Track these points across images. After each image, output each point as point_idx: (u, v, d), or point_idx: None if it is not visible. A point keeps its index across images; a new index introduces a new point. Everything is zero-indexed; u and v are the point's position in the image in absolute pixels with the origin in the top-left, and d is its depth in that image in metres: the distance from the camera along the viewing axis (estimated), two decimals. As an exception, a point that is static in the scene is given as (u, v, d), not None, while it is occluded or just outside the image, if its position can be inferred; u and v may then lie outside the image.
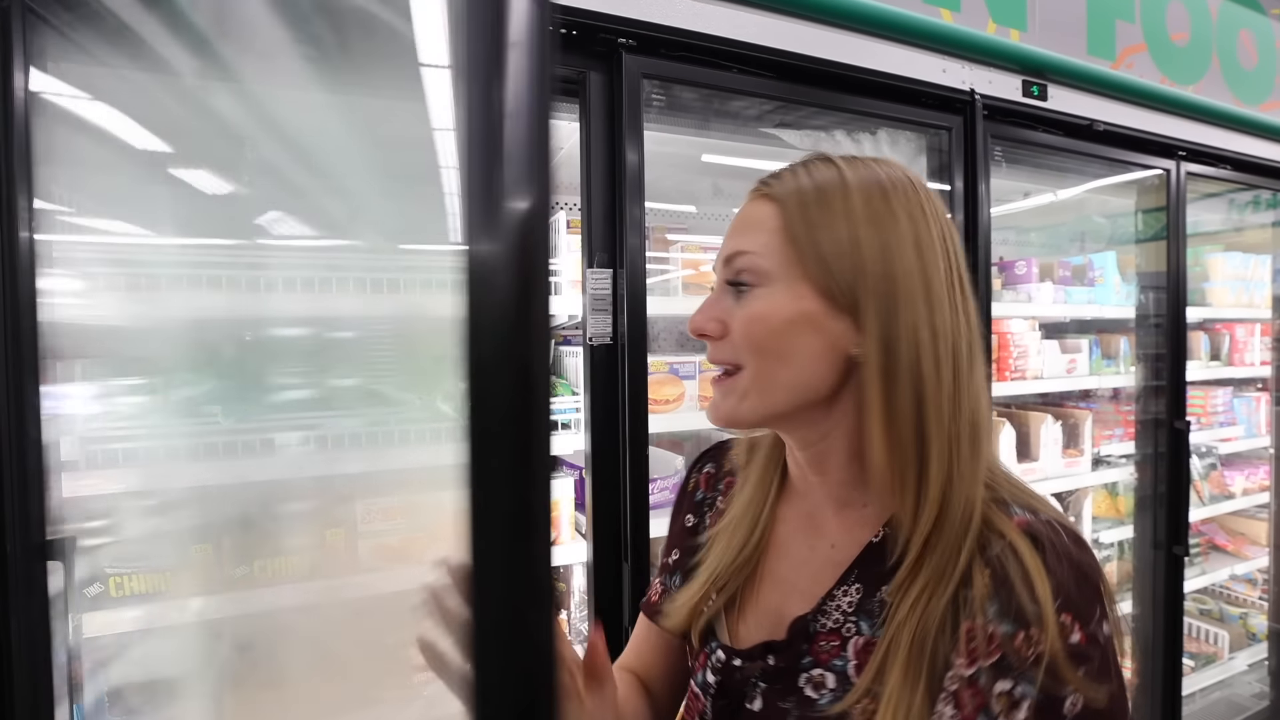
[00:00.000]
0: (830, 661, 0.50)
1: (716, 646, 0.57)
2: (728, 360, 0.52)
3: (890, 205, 0.49)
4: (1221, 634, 2.22)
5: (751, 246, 0.51)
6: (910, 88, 1.33)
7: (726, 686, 0.55)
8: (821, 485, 0.55)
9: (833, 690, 0.50)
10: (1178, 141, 1.69)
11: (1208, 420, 2.16)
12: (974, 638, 0.44)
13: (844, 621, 0.51)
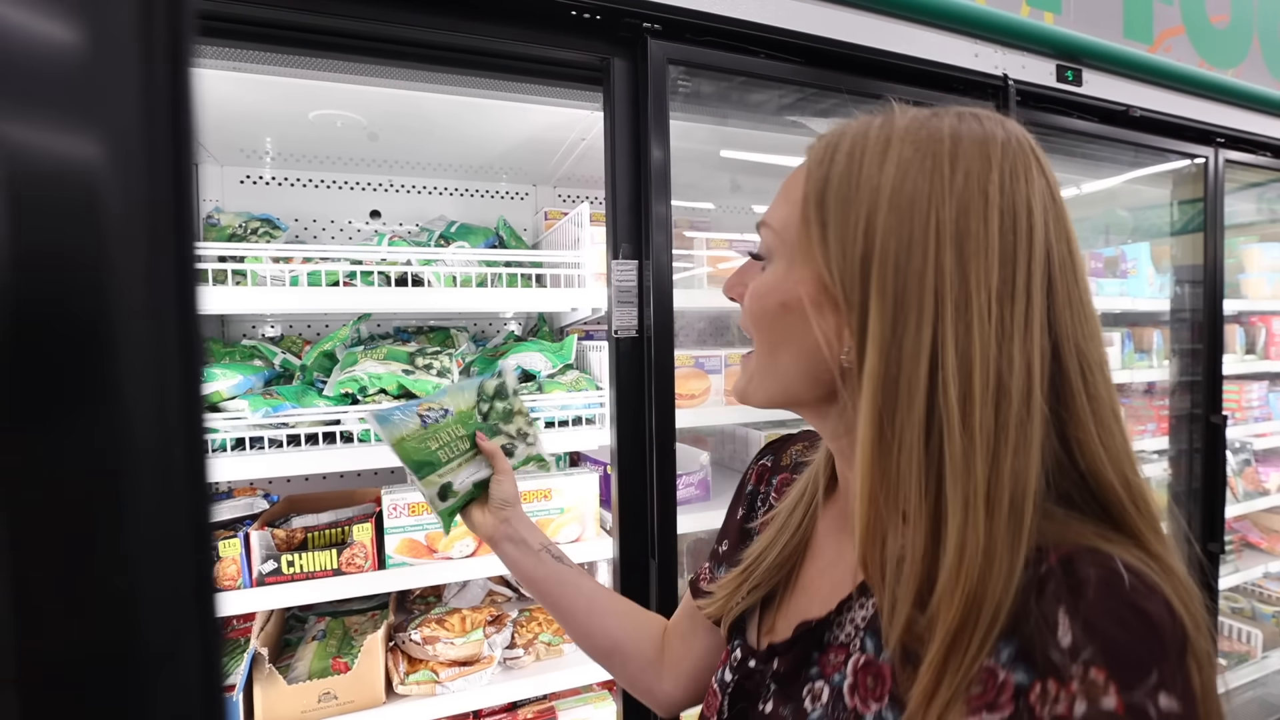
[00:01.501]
0: (831, 676, 0.46)
1: (738, 645, 0.55)
2: (747, 332, 0.48)
3: (937, 181, 0.38)
4: (1255, 633, 2.16)
5: (770, 217, 0.46)
6: (941, 73, 1.28)
7: (744, 687, 0.52)
8: (844, 490, 0.51)
9: (824, 706, 0.45)
10: (1216, 128, 1.62)
11: (1242, 415, 2.09)
12: (982, 681, 0.35)
13: (853, 636, 0.45)
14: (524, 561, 0.72)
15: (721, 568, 0.63)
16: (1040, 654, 0.34)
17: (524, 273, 1.31)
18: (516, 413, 0.80)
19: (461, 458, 0.75)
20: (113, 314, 0.15)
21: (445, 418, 0.75)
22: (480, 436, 0.76)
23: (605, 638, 0.71)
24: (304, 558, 1.16)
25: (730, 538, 0.64)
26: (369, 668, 1.16)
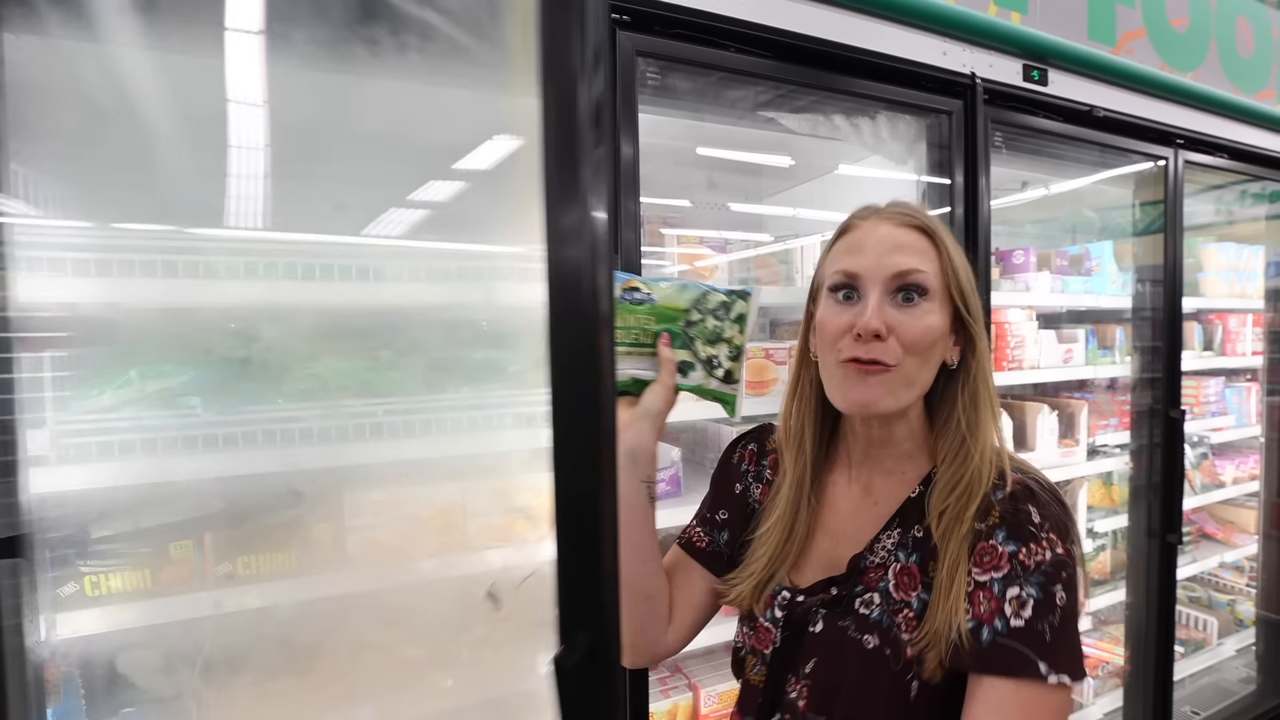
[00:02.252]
0: (876, 585, 0.65)
1: (780, 589, 0.70)
2: (885, 359, 0.63)
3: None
4: (1210, 620, 2.22)
5: (925, 267, 0.64)
6: (911, 70, 1.28)
7: (791, 618, 0.68)
8: (878, 459, 0.71)
9: (879, 605, 0.64)
10: (1176, 129, 1.66)
11: (1200, 410, 2.15)
12: (985, 555, 0.61)
13: (888, 557, 0.66)
14: (623, 478, 0.71)
15: (723, 534, 0.79)
16: (1022, 532, 0.60)
17: (491, 266, 1.28)
18: (725, 340, 0.73)
19: (635, 348, 0.72)
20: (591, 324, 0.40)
21: (644, 304, 0.71)
22: (664, 339, 0.72)
23: (650, 583, 0.76)
24: (261, 559, 1.11)
25: (731, 509, 0.79)
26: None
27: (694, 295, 0.72)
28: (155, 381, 1.12)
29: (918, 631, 0.61)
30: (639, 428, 0.71)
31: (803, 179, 1.82)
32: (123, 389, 1.10)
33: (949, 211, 1.40)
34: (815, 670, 0.66)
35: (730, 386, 0.74)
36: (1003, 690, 0.56)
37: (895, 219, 0.66)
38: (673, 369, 0.71)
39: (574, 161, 0.36)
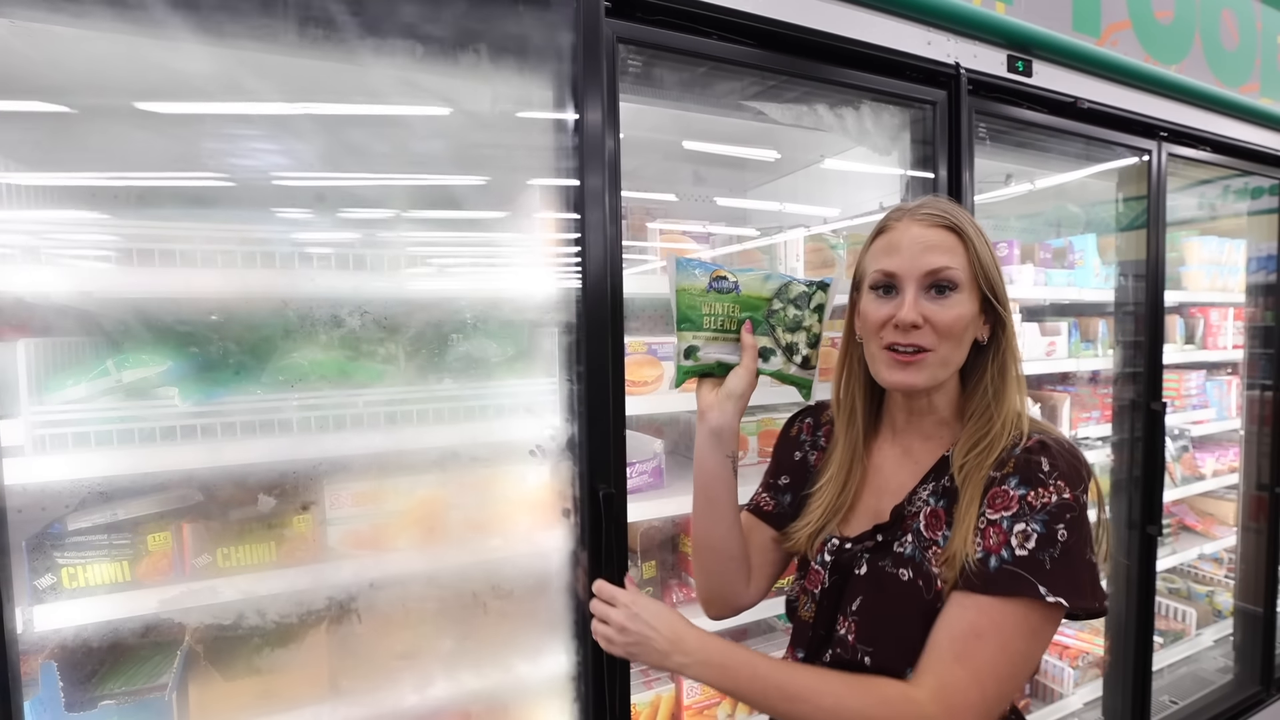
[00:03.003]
0: (910, 528, 0.76)
1: (831, 538, 0.81)
2: (922, 344, 0.73)
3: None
4: (1189, 611, 2.24)
5: (954, 264, 0.73)
6: (895, 60, 1.27)
7: (839, 562, 0.79)
8: (919, 425, 0.81)
9: (912, 543, 0.75)
10: (1160, 122, 1.65)
11: (1181, 403, 2.16)
12: (998, 498, 0.70)
13: (923, 504, 0.77)
14: (710, 454, 0.82)
15: (785, 495, 0.92)
16: (1032, 478, 0.69)
17: (472, 256, 1.26)
18: (804, 328, 0.79)
19: (720, 333, 0.77)
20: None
21: (730, 292, 0.76)
22: (747, 326, 0.80)
23: (734, 546, 0.87)
24: (240, 550, 1.10)
25: (792, 474, 0.92)
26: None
27: (776, 285, 0.77)
28: (132, 371, 1.10)
29: (942, 563, 0.71)
30: (723, 408, 0.80)
31: (786, 171, 1.81)
32: (99, 379, 1.08)
33: None
34: (861, 607, 0.75)
35: (808, 372, 0.80)
36: (994, 603, 0.66)
37: (926, 220, 0.74)
38: (755, 354, 0.79)
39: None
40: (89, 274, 0.99)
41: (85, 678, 1.08)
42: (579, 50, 1.02)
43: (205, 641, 1.12)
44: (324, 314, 1.18)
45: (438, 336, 1.26)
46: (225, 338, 1.25)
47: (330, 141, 1.22)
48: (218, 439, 1.09)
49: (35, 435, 0.98)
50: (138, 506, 1.10)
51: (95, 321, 1.10)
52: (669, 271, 0.75)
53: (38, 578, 1.00)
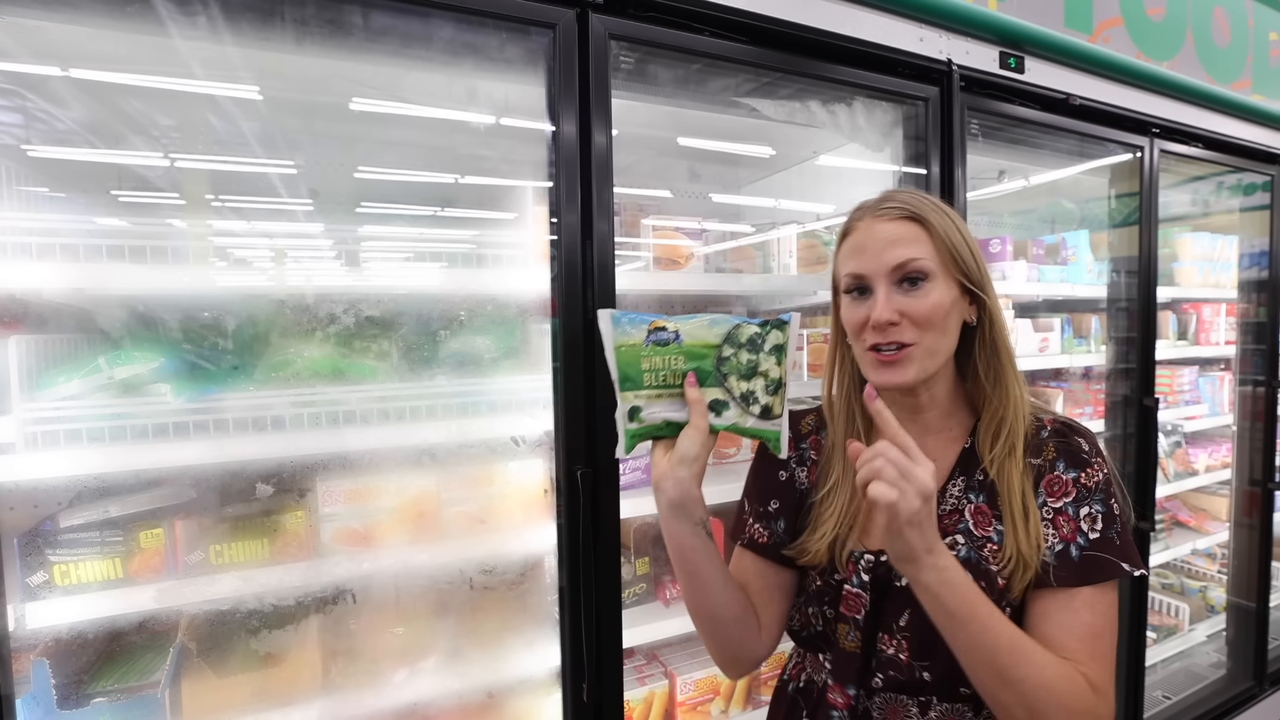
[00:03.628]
0: (956, 528, 0.73)
1: (861, 554, 0.75)
2: (903, 340, 0.71)
3: (966, 228, 0.74)
4: (1182, 607, 2.25)
5: (920, 253, 0.71)
6: (887, 56, 1.27)
7: (877, 579, 0.74)
8: (923, 421, 0.78)
9: (964, 544, 0.72)
10: (1152, 118, 1.66)
11: (1174, 399, 2.16)
12: (1054, 484, 0.71)
13: (959, 502, 0.74)
14: (677, 528, 0.71)
15: (779, 523, 0.83)
16: (1078, 460, 0.72)
17: (463, 252, 1.26)
18: (761, 373, 0.69)
19: (665, 389, 0.68)
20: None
21: (672, 344, 0.68)
22: (691, 378, 0.69)
23: (733, 608, 0.77)
24: (233, 547, 1.10)
25: (781, 496, 0.84)
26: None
27: (724, 330, 0.69)
28: (124, 368, 1.09)
29: (1001, 560, 0.69)
30: (678, 476, 0.68)
31: (780, 168, 1.81)
32: (91, 376, 1.08)
33: None
34: (912, 622, 0.71)
35: (770, 422, 0.70)
36: (1092, 594, 0.67)
37: (886, 214, 0.73)
38: (703, 410, 0.68)
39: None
40: (80, 270, 0.99)
41: (77, 675, 1.08)
42: (557, 71, 1.03)
43: (198, 638, 1.11)
44: (321, 311, 1.18)
45: (428, 333, 1.26)
46: (218, 334, 1.24)
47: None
48: (210, 436, 1.09)
49: (27, 432, 0.97)
50: (130, 503, 1.10)
51: (87, 318, 1.10)
52: (601, 329, 0.67)
53: (30, 575, 1.00)
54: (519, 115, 1.20)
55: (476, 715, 1.21)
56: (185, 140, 1.20)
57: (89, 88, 1.07)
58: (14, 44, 0.96)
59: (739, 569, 0.84)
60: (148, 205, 1.16)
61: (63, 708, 1.01)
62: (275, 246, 1.17)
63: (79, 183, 1.18)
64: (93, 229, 1.06)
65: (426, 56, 1.07)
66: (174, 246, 1.06)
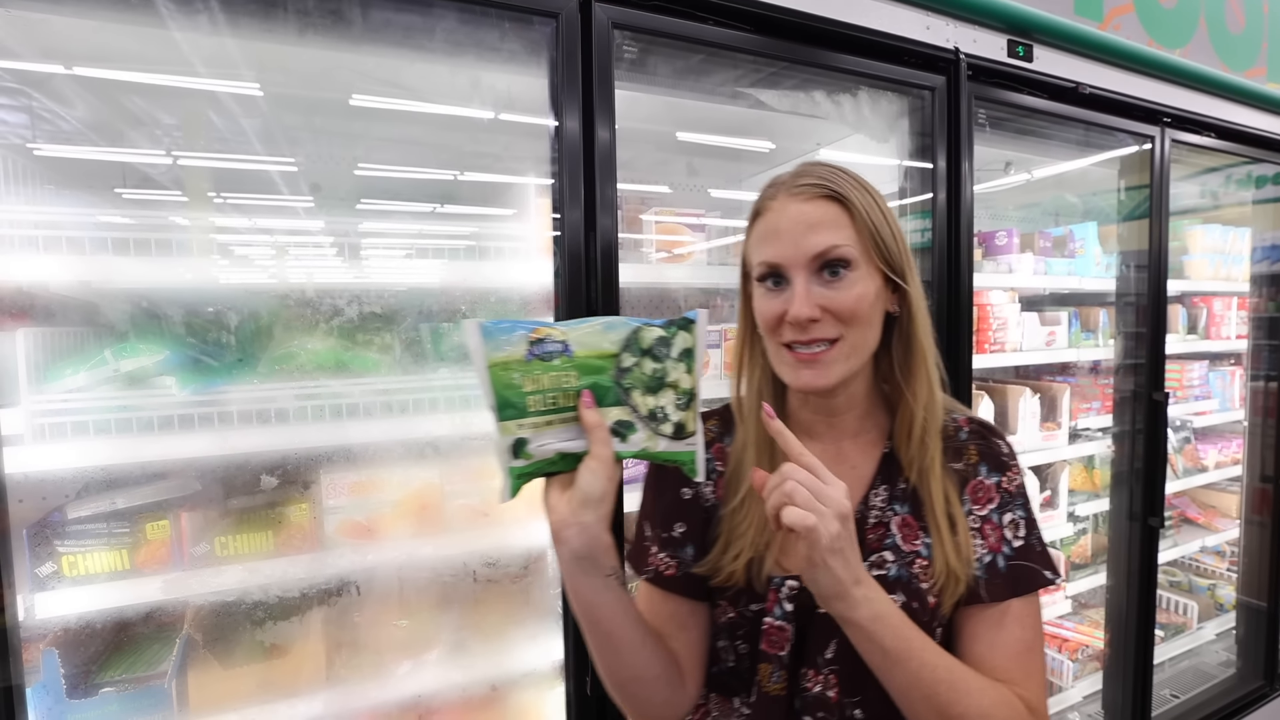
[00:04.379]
0: (883, 543, 0.67)
1: (782, 580, 0.67)
2: (825, 337, 0.63)
3: (888, 208, 0.67)
4: (1191, 604, 2.22)
5: (842, 239, 0.63)
6: (893, 45, 1.25)
7: (800, 608, 0.66)
8: (840, 424, 0.71)
9: (893, 561, 0.66)
10: (1163, 107, 1.63)
11: (1183, 394, 2.13)
12: (979, 490, 0.68)
13: (883, 514, 0.68)
14: (583, 582, 0.58)
15: (688, 549, 0.71)
16: (999, 463, 0.69)
17: (466, 245, 1.25)
18: (670, 384, 0.57)
19: (555, 414, 0.55)
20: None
21: (560, 356, 0.55)
22: (586, 398, 0.55)
23: (656, 664, 0.65)
24: (238, 539, 1.10)
25: (686, 517, 0.72)
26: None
27: (623, 334, 0.56)
28: (130, 360, 1.10)
29: (931, 576, 0.64)
30: (581, 521, 0.54)
31: (780, 161, 1.80)
32: (97, 368, 1.08)
33: (930, 197, 1.37)
34: (840, 653, 0.63)
35: (683, 443, 0.58)
36: (1021, 606, 0.64)
37: (804, 193, 0.64)
38: (605, 435, 0.55)
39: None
40: (86, 264, 0.99)
41: (86, 665, 1.09)
42: (559, 61, 1.01)
43: (204, 629, 1.12)
44: (324, 304, 1.18)
45: (430, 326, 1.26)
46: (221, 327, 1.25)
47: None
48: (215, 428, 1.09)
49: (35, 424, 0.98)
50: (137, 495, 1.10)
51: (93, 311, 1.10)
52: (469, 343, 0.54)
53: (38, 566, 1.01)
54: (522, 106, 1.19)
55: (480, 708, 1.21)
56: (186, 137, 1.20)
57: (91, 85, 1.08)
58: (17, 40, 0.96)
59: (648, 609, 0.71)
60: (152, 201, 1.16)
61: (72, 697, 1.02)
62: (277, 242, 1.17)
63: (84, 179, 1.19)
64: (97, 224, 1.06)
65: (429, 47, 1.06)
66: (177, 240, 1.06)
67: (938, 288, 1.38)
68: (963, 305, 1.37)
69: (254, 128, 1.18)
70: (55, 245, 0.99)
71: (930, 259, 1.38)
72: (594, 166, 1.04)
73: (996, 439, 0.71)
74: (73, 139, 1.13)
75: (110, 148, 1.17)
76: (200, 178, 1.19)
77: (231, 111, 1.15)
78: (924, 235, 1.41)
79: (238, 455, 1.43)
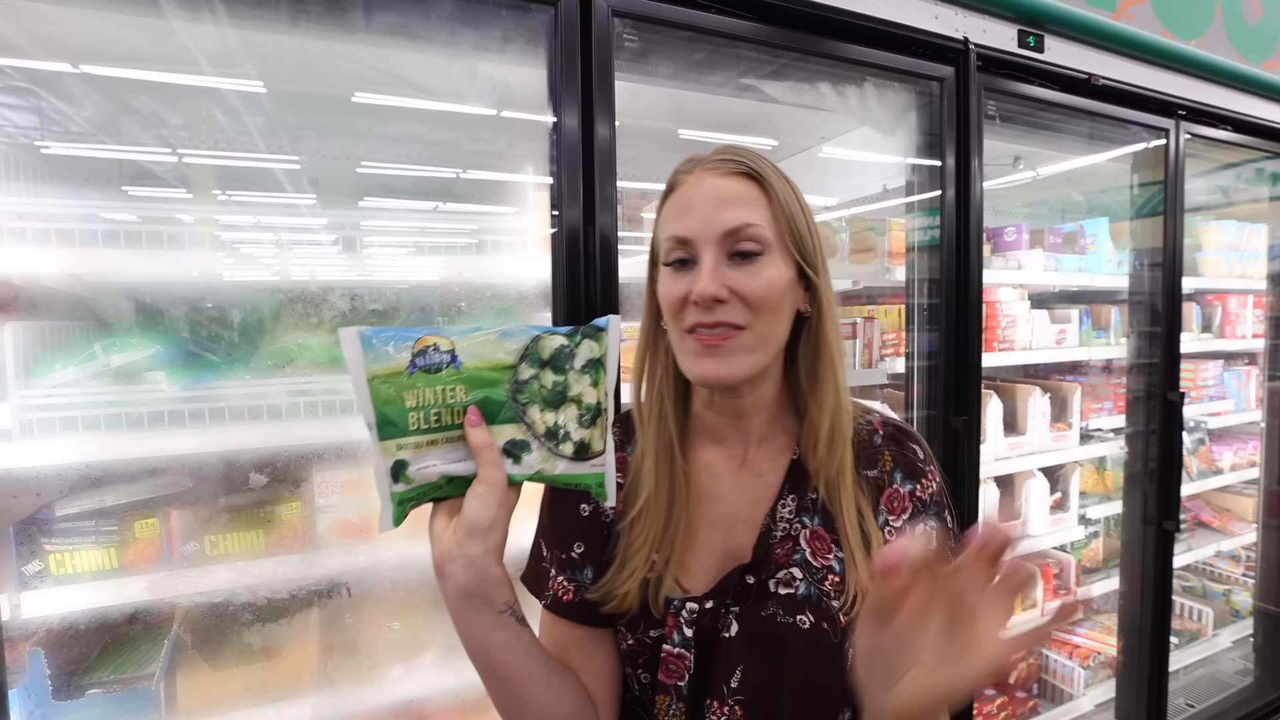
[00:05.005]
0: (791, 559, 0.62)
1: (682, 603, 0.61)
2: (731, 321, 0.58)
3: (802, 197, 0.63)
4: (1205, 611, 2.17)
5: (757, 219, 0.59)
6: (900, 34, 1.23)
7: (702, 632, 0.60)
8: (748, 427, 0.66)
9: (803, 578, 0.61)
10: (1178, 99, 1.59)
11: (1198, 394, 2.09)
12: (894, 500, 0.63)
13: (790, 526, 0.63)
14: (472, 621, 0.52)
15: (586, 571, 0.65)
16: (914, 469, 0.64)
17: (464, 242, 1.23)
18: (573, 399, 0.52)
19: (439, 433, 0.50)
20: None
21: (446, 368, 0.49)
22: (472, 415, 0.50)
23: (565, 701, 0.59)
24: (229, 538, 1.08)
25: (585, 536, 0.65)
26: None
27: (520, 344, 0.51)
28: (120, 355, 1.08)
29: (844, 594, 0.60)
30: (468, 553, 0.49)
31: (782, 157, 1.77)
32: (87, 363, 1.06)
33: (938, 193, 1.34)
34: (745, 679, 0.58)
35: (588, 464, 0.52)
36: None
37: (720, 168, 0.60)
38: (495, 455, 0.49)
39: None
40: (77, 255, 0.97)
41: (72, 666, 1.07)
42: (558, 50, 0.99)
43: (193, 630, 1.10)
44: (318, 299, 1.16)
45: (426, 321, 1.24)
46: (213, 322, 1.23)
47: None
48: (205, 424, 1.07)
49: (23, 419, 0.96)
50: (126, 492, 1.08)
51: (83, 305, 1.09)
52: (346, 354, 0.48)
53: (25, 564, 0.99)
54: (520, 97, 1.17)
55: (473, 713, 1.18)
56: (185, 129, 1.18)
57: (89, 78, 1.06)
58: (13, 30, 0.94)
59: (551, 639, 0.65)
60: (146, 195, 1.15)
61: (57, 698, 0.99)
62: (275, 237, 1.15)
63: (76, 172, 1.17)
64: (89, 215, 1.04)
65: (425, 35, 1.04)
66: (170, 233, 1.05)
67: (946, 284, 1.35)
68: (972, 303, 1.34)
69: (253, 123, 1.16)
70: (45, 238, 0.97)
71: (939, 256, 1.35)
72: (593, 159, 1.01)
73: (912, 444, 0.66)
74: (71, 132, 1.12)
75: (108, 143, 1.16)
76: (200, 173, 1.18)
77: (227, 103, 1.13)
78: (927, 234, 1.38)
79: (227, 452, 1.41)
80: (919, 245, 1.43)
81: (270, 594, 1.31)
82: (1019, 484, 1.76)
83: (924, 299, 1.43)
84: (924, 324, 1.44)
